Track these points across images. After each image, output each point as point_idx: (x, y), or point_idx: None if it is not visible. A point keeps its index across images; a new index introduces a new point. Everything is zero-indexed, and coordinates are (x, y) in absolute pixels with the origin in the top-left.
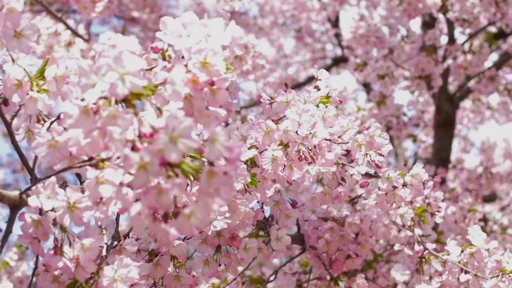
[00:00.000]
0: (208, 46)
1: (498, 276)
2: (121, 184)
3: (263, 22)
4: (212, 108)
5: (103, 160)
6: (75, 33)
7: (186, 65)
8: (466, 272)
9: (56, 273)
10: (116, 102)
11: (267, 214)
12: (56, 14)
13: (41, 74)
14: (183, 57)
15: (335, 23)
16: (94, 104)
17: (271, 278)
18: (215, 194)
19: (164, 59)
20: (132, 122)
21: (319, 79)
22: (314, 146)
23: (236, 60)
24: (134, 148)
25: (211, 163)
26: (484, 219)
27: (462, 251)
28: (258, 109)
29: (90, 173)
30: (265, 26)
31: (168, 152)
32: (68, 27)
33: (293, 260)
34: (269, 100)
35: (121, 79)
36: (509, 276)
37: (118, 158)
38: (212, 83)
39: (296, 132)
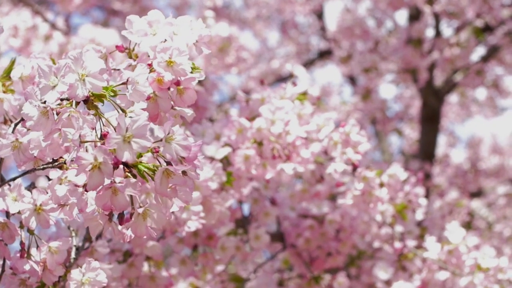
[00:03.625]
0: (174, 45)
1: (474, 272)
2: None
3: (246, 14)
4: (178, 108)
5: (65, 162)
6: (53, 26)
7: (151, 64)
8: (445, 269)
9: (23, 276)
10: (77, 104)
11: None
12: (33, 5)
13: (7, 74)
14: (149, 56)
15: (319, 15)
16: (59, 105)
17: (252, 276)
18: (172, 194)
19: (130, 57)
20: (93, 124)
21: (295, 75)
22: (289, 144)
23: (219, 53)
24: None
25: (168, 163)
26: (470, 215)
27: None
28: None
29: (53, 174)
30: (249, 19)
31: (121, 152)
32: (45, 20)
33: (275, 257)
34: (245, 98)
35: (81, 81)
36: (485, 273)
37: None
38: (177, 83)
39: (270, 130)
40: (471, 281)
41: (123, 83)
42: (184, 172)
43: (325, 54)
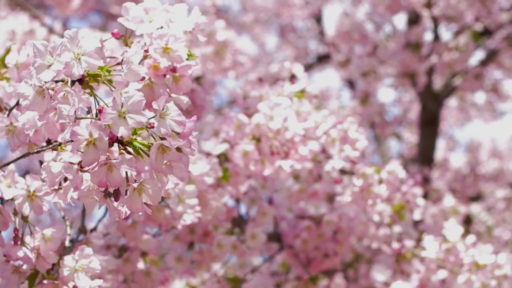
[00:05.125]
0: (170, 32)
1: (471, 270)
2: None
3: (244, 18)
4: (174, 95)
5: (60, 144)
6: (51, 31)
7: (147, 51)
8: (443, 268)
9: (16, 263)
10: (73, 83)
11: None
12: (30, 9)
13: (2, 62)
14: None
15: (318, 19)
16: (54, 87)
17: (249, 277)
18: (168, 170)
19: (126, 45)
20: (88, 103)
21: (294, 74)
22: (287, 140)
23: (215, 56)
24: None
25: (162, 138)
26: (468, 220)
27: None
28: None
29: (47, 155)
30: (247, 23)
31: (116, 127)
32: (43, 24)
33: (272, 260)
34: (243, 95)
35: (77, 59)
36: (483, 269)
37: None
38: (173, 69)
39: (268, 126)
40: (469, 278)
41: (117, 64)
42: (178, 149)
43: (323, 58)
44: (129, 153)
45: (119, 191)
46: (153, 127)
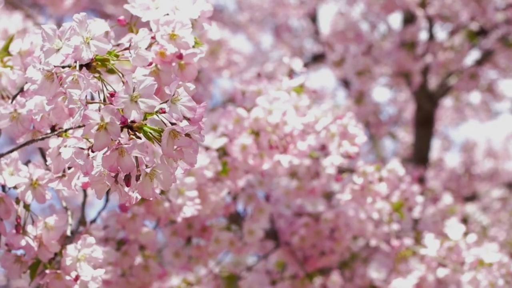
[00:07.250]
0: (176, 18)
1: (476, 268)
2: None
3: (240, 17)
4: (180, 82)
5: (66, 131)
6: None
7: (153, 37)
8: (444, 266)
9: (18, 253)
10: (81, 68)
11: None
12: (24, 8)
13: (6, 50)
14: (151, 30)
15: (313, 19)
16: (62, 71)
17: (244, 275)
18: (178, 155)
19: (131, 32)
20: (97, 87)
21: (292, 69)
22: (286, 135)
23: (210, 56)
24: None
25: (173, 124)
26: (463, 220)
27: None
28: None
29: (53, 142)
30: (242, 22)
31: (129, 111)
32: (36, 23)
33: (267, 257)
34: (241, 90)
35: (86, 43)
36: (488, 268)
37: (79, 127)
38: (180, 56)
39: (267, 120)
40: (474, 276)
41: (125, 49)
42: (188, 134)
43: (318, 58)
44: (139, 138)
45: (130, 176)
46: (164, 112)
